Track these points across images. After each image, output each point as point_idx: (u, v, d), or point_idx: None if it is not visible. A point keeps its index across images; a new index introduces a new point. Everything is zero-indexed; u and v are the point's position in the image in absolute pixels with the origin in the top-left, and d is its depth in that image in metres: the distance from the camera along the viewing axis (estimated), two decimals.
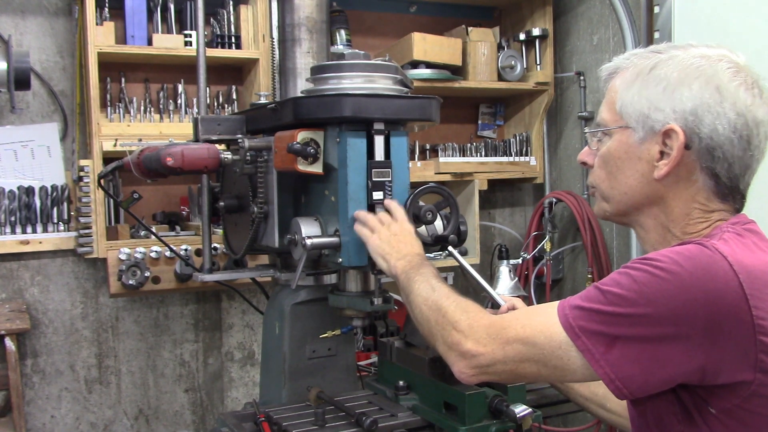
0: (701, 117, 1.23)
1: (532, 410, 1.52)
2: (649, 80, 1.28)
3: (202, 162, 1.81)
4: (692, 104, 1.23)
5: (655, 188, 1.29)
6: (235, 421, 1.68)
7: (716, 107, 1.22)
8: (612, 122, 1.33)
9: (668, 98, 1.25)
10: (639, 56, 1.33)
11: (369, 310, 1.76)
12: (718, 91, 1.23)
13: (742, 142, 1.23)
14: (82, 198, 2.55)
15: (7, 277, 2.72)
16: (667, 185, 1.28)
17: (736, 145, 1.23)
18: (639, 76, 1.29)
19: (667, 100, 1.25)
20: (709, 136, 1.23)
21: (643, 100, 1.27)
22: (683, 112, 1.23)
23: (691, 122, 1.23)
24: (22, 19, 2.71)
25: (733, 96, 1.23)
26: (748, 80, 1.25)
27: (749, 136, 1.24)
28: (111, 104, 2.72)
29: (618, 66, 1.35)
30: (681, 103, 1.24)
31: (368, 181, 1.68)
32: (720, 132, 1.22)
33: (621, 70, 1.34)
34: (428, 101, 1.76)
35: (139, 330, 2.92)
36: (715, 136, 1.23)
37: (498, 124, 3.56)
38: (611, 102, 1.34)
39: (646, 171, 1.29)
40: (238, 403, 3.07)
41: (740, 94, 1.23)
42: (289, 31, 1.99)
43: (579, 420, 3.32)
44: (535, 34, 3.25)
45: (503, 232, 3.58)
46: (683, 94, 1.24)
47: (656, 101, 1.26)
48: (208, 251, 2.07)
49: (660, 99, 1.25)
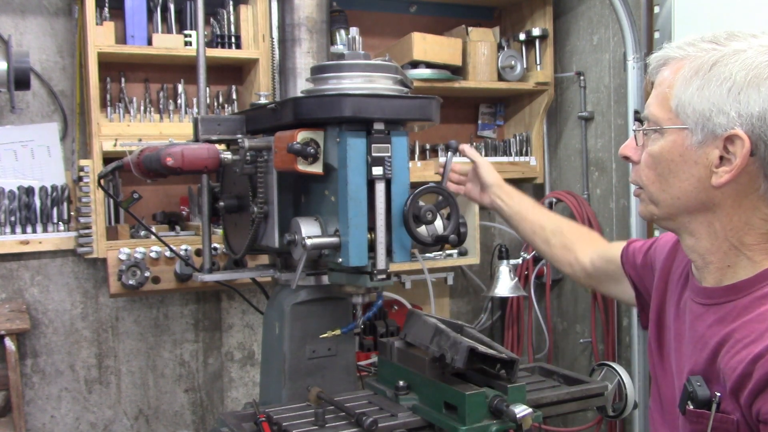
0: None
1: (532, 410, 1.52)
2: (711, 78, 1.17)
3: (202, 162, 1.81)
4: (760, 108, 1.13)
5: (711, 195, 1.20)
6: (235, 421, 1.67)
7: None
8: (666, 120, 1.23)
9: (734, 100, 1.14)
10: (696, 47, 1.21)
11: (369, 285, 1.73)
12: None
13: None
14: (82, 198, 2.55)
15: (7, 277, 2.72)
16: (725, 192, 1.19)
17: None
18: (699, 72, 1.18)
19: (732, 103, 1.14)
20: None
21: (704, 100, 1.17)
22: (750, 117, 1.14)
23: (759, 128, 1.13)
24: (22, 19, 2.71)
25: None
26: None
27: None
28: (111, 104, 2.72)
29: (669, 56, 1.24)
30: (748, 106, 1.14)
31: (368, 156, 1.68)
32: None
33: (673, 60, 1.23)
34: (428, 101, 1.76)
35: (139, 330, 2.92)
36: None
37: (498, 124, 3.56)
38: (664, 97, 1.23)
39: (702, 176, 1.20)
40: (238, 403, 3.07)
41: None
42: (289, 31, 1.99)
43: (579, 420, 3.32)
44: (535, 34, 3.25)
45: (503, 232, 3.57)
46: (750, 96, 1.13)
47: (720, 103, 1.15)
48: (208, 251, 2.07)
49: (724, 101, 1.15)
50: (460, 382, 1.61)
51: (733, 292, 1.23)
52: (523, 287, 3.25)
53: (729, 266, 1.25)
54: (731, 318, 1.21)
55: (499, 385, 1.59)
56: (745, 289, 1.22)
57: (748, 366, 1.13)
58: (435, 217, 1.73)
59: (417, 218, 1.70)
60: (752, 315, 1.18)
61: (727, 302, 1.23)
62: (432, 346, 1.62)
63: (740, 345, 1.16)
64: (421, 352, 1.71)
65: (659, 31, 2.71)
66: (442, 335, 1.60)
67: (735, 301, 1.22)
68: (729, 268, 1.25)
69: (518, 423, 1.50)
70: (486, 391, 1.56)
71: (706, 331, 1.26)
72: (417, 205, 1.70)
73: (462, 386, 1.57)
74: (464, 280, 3.51)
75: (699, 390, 1.20)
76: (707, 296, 1.28)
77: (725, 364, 1.18)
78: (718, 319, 1.24)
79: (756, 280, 1.21)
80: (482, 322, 3.51)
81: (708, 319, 1.26)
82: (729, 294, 1.24)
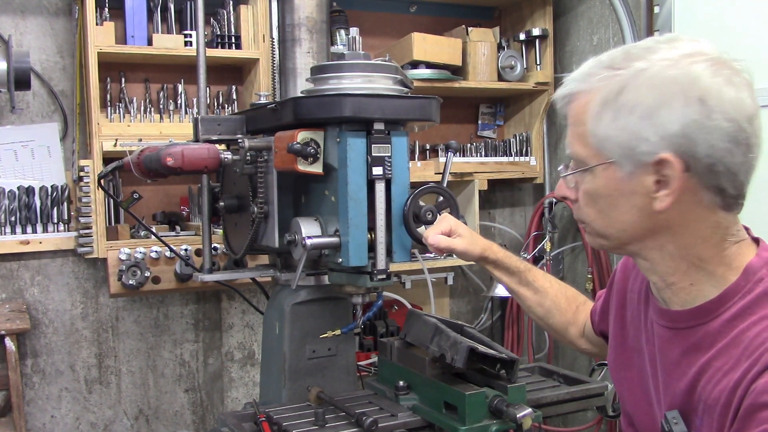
0: (693, 137, 1.09)
1: (532, 410, 1.52)
2: (620, 108, 1.13)
3: (202, 162, 1.81)
4: (679, 126, 1.09)
5: (656, 219, 1.16)
6: (235, 421, 1.67)
7: (706, 122, 1.08)
8: (591, 158, 1.18)
9: (650, 125, 1.10)
10: (597, 77, 1.17)
11: (369, 285, 1.73)
12: (702, 103, 1.08)
13: (741, 147, 1.11)
14: (82, 198, 2.55)
15: (7, 277, 2.72)
16: (671, 214, 1.15)
17: (737, 153, 1.10)
18: (607, 103, 1.14)
19: (649, 128, 1.10)
20: (707, 154, 1.09)
21: (621, 131, 1.13)
22: (671, 137, 1.09)
23: (683, 145, 1.09)
24: (22, 19, 2.71)
25: (719, 102, 1.09)
26: (727, 72, 1.11)
27: (747, 138, 1.11)
28: (111, 104, 2.72)
29: (573, 91, 1.21)
30: (665, 128, 1.09)
31: (368, 156, 1.67)
32: (717, 146, 1.09)
33: (578, 94, 1.20)
34: (428, 101, 1.76)
35: (139, 330, 2.92)
36: (713, 152, 1.09)
37: (498, 124, 3.56)
38: (581, 135, 1.19)
39: (643, 204, 1.15)
40: (238, 403, 3.07)
41: (726, 95, 1.09)
42: (289, 31, 1.99)
43: (579, 420, 3.32)
44: (535, 34, 3.25)
45: (503, 232, 3.58)
46: (665, 117, 1.09)
47: (637, 131, 1.11)
48: (208, 251, 2.07)
49: (641, 128, 1.11)
50: (460, 382, 1.61)
51: (701, 314, 1.19)
52: None
53: (692, 284, 1.20)
54: (706, 345, 1.17)
55: (499, 385, 1.59)
56: (712, 311, 1.18)
57: (729, 395, 1.10)
58: (435, 217, 1.73)
59: (417, 218, 1.71)
60: (726, 340, 1.15)
61: (697, 326, 1.19)
62: (432, 346, 1.62)
63: (720, 374, 1.13)
64: (421, 352, 1.71)
65: (659, 31, 2.71)
66: (442, 335, 1.60)
67: (705, 325, 1.18)
68: (692, 286, 1.20)
69: (518, 423, 1.50)
70: (486, 391, 1.56)
71: (681, 360, 1.22)
72: (417, 205, 1.70)
73: (462, 386, 1.57)
74: (464, 280, 3.51)
75: (675, 428, 1.18)
76: (674, 320, 1.24)
77: (707, 395, 1.15)
78: (693, 346, 1.20)
79: (721, 301, 1.17)
80: (482, 322, 3.51)
81: (680, 345, 1.22)
82: (697, 317, 1.20)
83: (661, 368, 1.29)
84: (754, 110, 1.12)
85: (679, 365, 1.22)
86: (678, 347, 1.23)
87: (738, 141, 1.10)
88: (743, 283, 1.16)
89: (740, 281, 1.17)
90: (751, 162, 1.14)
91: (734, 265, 1.18)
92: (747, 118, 1.11)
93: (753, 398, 1.06)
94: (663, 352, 1.28)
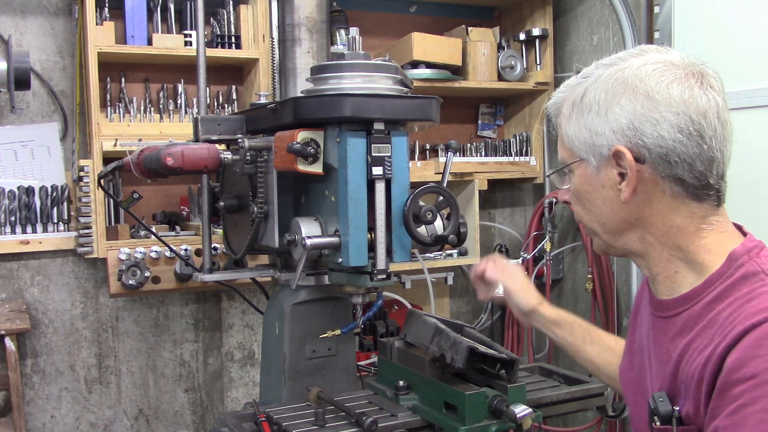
0: (641, 129, 1.20)
1: (532, 410, 1.52)
2: (582, 108, 1.27)
3: (202, 162, 1.81)
4: (627, 119, 1.21)
5: (628, 210, 1.26)
6: (235, 421, 1.67)
7: (652, 114, 1.19)
8: (568, 158, 1.33)
9: (604, 120, 1.23)
10: (571, 87, 1.32)
11: (369, 285, 1.73)
12: (648, 97, 1.20)
13: (694, 138, 1.19)
14: (82, 198, 2.55)
15: (7, 277, 2.72)
16: (639, 204, 1.25)
17: (688, 144, 1.19)
18: (574, 106, 1.29)
19: (603, 123, 1.23)
20: (656, 144, 1.20)
21: (582, 129, 1.27)
22: (622, 130, 1.22)
23: (633, 137, 1.21)
24: (22, 19, 2.71)
25: (665, 96, 1.19)
26: (680, 73, 1.21)
27: (699, 129, 1.19)
28: (111, 104, 2.72)
29: (558, 101, 1.35)
30: (616, 121, 1.22)
31: (368, 156, 1.68)
32: (666, 137, 1.19)
33: (561, 103, 1.33)
34: (428, 101, 1.76)
35: (139, 330, 2.92)
36: (663, 143, 1.19)
37: (498, 124, 3.57)
38: (561, 138, 1.34)
39: (613, 197, 1.27)
40: (238, 403, 3.07)
41: (673, 92, 1.19)
42: (289, 31, 1.99)
43: (579, 420, 3.32)
44: (535, 34, 3.25)
45: (503, 232, 3.58)
46: (615, 112, 1.22)
47: (594, 127, 1.25)
48: (208, 251, 2.07)
49: (597, 124, 1.24)
50: (460, 382, 1.61)
51: (686, 301, 1.25)
52: None
53: (676, 272, 1.27)
54: (689, 328, 1.23)
55: (499, 385, 1.59)
56: (696, 296, 1.24)
57: (701, 371, 1.15)
58: (435, 217, 1.73)
59: (417, 218, 1.70)
60: (705, 322, 1.20)
61: (682, 312, 1.26)
62: (432, 346, 1.62)
63: (696, 353, 1.18)
64: (421, 352, 1.71)
65: (659, 31, 2.71)
66: (442, 335, 1.60)
67: (689, 310, 1.24)
68: (677, 273, 1.27)
69: (518, 423, 1.50)
70: (486, 391, 1.56)
71: (669, 345, 1.27)
72: (417, 205, 1.70)
73: (462, 386, 1.58)
74: (464, 280, 3.51)
75: (661, 406, 1.22)
76: (664, 309, 1.30)
77: (685, 375, 1.20)
78: (678, 330, 1.26)
79: (705, 286, 1.23)
80: (482, 322, 3.51)
81: (669, 333, 1.28)
82: (683, 304, 1.26)
83: (654, 358, 1.34)
84: (708, 105, 1.20)
85: (667, 351, 1.27)
86: (667, 335, 1.29)
87: (689, 132, 1.19)
88: (725, 269, 1.22)
89: (723, 267, 1.22)
90: (709, 153, 1.21)
91: (716, 252, 1.24)
92: (698, 111, 1.19)
93: (725, 375, 1.11)
94: (655, 341, 1.33)
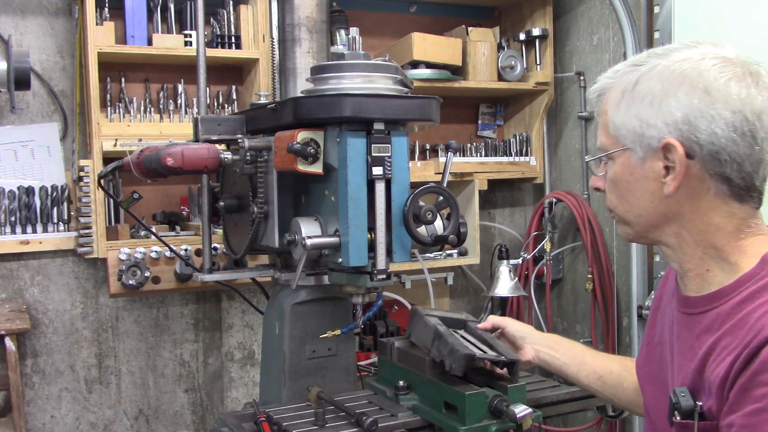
0: (695, 124, 1.18)
1: (532, 410, 1.52)
2: (634, 97, 1.24)
3: (202, 162, 1.81)
4: (682, 113, 1.18)
5: (669, 205, 1.25)
6: (235, 421, 1.67)
7: (709, 110, 1.17)
8: (610, 146, 1.30)
9: (657, 112, 1.21)
10: (621, 73, 1.29)
11: (369, 285, 1.73)
12: (707, 93, 1.18)
13: (746, 139, 1.18)
14: (82, 198, 2.55)
15: (7, 277, 2.72)
16: (681, 200, 1.23)
17: (741, 144, 1.18)
18: (624, 94, 1.26)
19: (656, 114, 1.21)
20: (709, 141, 1.18)
21: (632, 118, 1.24)
22: (675, 123, 1.19)
23: (686, 131, 1.18)
24: (22, 19, 2.71)
25: (724, 94, 1.17)
26: (739, 71, 1.19)
27: (752, 130, 1.18)
28: (111, 104, 2.72)
29: (603, 87, 1.32)
30: (671, 114, 1.19)
31: (368, 156, 1.67)
32: (719, 134, 1.17)
33: (606, 89, 1.31)
34: (428, 101, 1.76)
35: (139, 330, 2.92)
36: (716, 140, 1.17)
37: (498, 124, 3.56)
38: (604, 125, 1.31)
39: (655, 189, 1.25)
40: (238, 403, 3.07)
41: (732, 89, 1.18)
42: (289, 31, 1.99)
43: (579, 420, 3.32)
44: (535, 34, 3.25)
45: (503, 232, 3.58)
46: (671, 104, 1.19)
47: (646, 117, 1.22)
48: (208, 251, 2.07)
49: (649, 114, 1.22)
50: (460, 382, 1.61)
51: (716, 299, 1.24)
52: (523, 287, 3.25)
53: (708, 270, 1.27)
54: (716, 326, 1.22)
55: (499, 385, 1.59)
56: (725, 296, 1.23)
57: (728, 371, 1.15)
58: (435, 217, 1.73)
59: (417, 218, 1.70)
60: (734, 321, 1.19)
61: (710, 310, 1.25)
62: (433, 350, 1.62)
63: (725, 352, 1.17)
64: (421, 352, 1.71)
65: (659, 31, 2.71)
66: (440, 340, 1.60)
67: (718, 308, 1.23)
68: (708, 272, 1.27)
69: (518, 423, 1.50)
70: (486, 391, 1.56)
71: (694, 342, 1.26)
72: (417, 205, 1.70)
73: (462, 386, 1.57)
74: (464, 280, 3.51)
75: (683, 401, 1.22)
76: (691, 305, 1.29)
77: (712, 373, 1.19)
78: (705, 328, 1.25)
79: (736, 286, 1.22)
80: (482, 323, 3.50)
81: (695, 329, 1.27)
82: (712, 302, 1.25)
83: (676, 353, 1.33)
84: (763, 106, 1.19)
85: (692, 348, 1.27)
86: (692, 331, 1.28)
87: (742, 131, 1.18)
88: (758, 271, 1.21)
89: (756, 269, 1.21)
90: (759, 154, 1.20)
91: (751, 253, 1.23)
92: (753, 112, 1.18)
93: (751, 374, 1.11)
94: (679, 337, 1.32)
